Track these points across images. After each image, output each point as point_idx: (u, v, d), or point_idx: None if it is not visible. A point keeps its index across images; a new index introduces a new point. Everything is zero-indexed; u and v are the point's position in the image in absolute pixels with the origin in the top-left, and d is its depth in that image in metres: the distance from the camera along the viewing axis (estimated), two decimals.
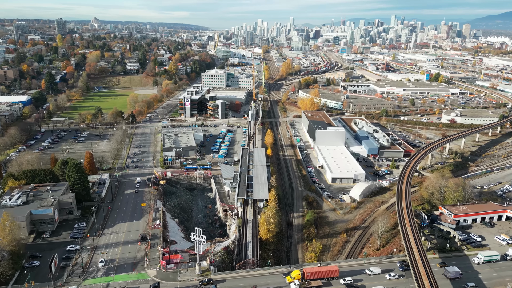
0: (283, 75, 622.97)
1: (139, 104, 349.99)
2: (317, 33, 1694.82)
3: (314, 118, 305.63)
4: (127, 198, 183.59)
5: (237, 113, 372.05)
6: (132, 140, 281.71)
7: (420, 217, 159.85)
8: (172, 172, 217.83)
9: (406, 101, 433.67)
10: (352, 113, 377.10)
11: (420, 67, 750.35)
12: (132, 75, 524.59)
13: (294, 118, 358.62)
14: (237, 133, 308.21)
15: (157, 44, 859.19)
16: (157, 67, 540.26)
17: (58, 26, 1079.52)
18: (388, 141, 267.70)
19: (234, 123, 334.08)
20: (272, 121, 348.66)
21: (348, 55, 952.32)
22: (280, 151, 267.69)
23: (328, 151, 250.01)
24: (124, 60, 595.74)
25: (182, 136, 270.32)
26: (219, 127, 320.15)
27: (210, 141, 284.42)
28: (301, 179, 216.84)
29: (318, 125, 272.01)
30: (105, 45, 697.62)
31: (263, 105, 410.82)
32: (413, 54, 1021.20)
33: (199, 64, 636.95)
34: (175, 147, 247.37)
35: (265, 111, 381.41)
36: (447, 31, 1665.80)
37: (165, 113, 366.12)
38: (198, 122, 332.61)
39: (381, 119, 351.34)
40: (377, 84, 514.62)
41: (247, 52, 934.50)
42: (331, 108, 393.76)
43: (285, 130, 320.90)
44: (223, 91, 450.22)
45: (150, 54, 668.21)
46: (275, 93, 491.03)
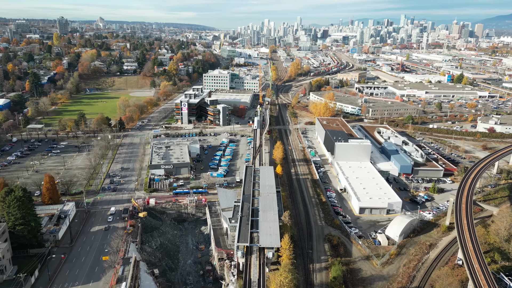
0: (291, 76, 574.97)
1: (130, 108, 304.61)
2: (325, 33, 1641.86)
3: (331, 127, 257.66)
4: (93, 240, 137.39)
5: (241, 119, 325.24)
6: (117, 152, 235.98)
7: (502, 285, 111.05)
8: (157, 198, 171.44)
9: (431, 106, 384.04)
10: (371, 119, 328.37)
11: (438, 67, 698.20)
12: (128, 75, 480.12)
13: (306, 125, 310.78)
14: (241, 143, 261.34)
15: (159, 44, 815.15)
16: (156, 67, 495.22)
17: (60, 25, 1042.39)
18: (422, 156, 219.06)
19: (237, 131, 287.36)
20: (281, 129, 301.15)
21: (359, 55, 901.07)
22: (291, 167, 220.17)
23: (350, 169, 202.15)
24: (122, 59, 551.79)
25: (175, 149, 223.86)
26: (220, 136, 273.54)
27: (208, 154, 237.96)
28: (320, 208, 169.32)
29: (337, 137, 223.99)
30: (103, 44, 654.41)
31: (271, 109, 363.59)
32: (427, 54, 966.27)
33: (202, 64, 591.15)
34: (164, 164, 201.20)
35: (272, 117, 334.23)
36: (459, 31, 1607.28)
37: (160, 118, 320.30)
38: (196, 129, 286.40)
39: (407, 127, 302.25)
40: (395, 86, 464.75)
41: (253, 52, 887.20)
42: (347, 114, 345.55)
43: (296, 140, 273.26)
44: (226, 93, 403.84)
45: (151, 54, 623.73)
46: (283, 95, 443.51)
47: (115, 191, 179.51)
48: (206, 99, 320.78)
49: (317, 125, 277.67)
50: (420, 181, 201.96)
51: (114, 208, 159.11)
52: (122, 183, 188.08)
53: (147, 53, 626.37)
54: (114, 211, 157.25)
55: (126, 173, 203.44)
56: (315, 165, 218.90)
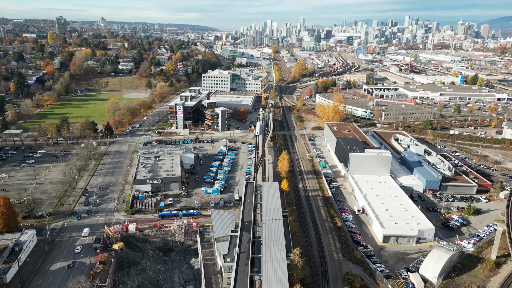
0: (295, 76, 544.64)
1: (120, 112, 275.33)
2: (328, 33, 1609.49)
3: (342, 134, 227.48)
4: (49, 284, 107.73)
5: (242, 124, 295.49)
6: (100, 163, 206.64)
7: None
8: (138, 222, 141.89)
9: (447, 109, 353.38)
10: (385, 124, 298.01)
11: (448, 68, 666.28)
12: (124, 76, 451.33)
13: (313, 131, 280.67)
14: (241, 152, 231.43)
15: (159, 43, 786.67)
16: (153, 67, 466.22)
17: (59, 24, 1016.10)
18: (450, 168, 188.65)
19: (237, 138, 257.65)
20: (286, 135, 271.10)
21: (365, 56, 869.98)
22: (299, 181, 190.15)
23: (368, 185, 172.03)
24: (118, 59, 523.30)
25: (165, 159, 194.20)
26: (218, 144, 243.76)
27: (204, 164, 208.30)
28: (335, 236, 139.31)
29: (351, 146, 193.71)
30: (100, 43, 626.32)
31: (274, 112, 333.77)
32: (434, 54, 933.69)
33: (202, 64, 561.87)
34: (151, 178, 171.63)
35: (276, 121, 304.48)
36: (465, 31, 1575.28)
37: (153, 122, 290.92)
38: (192, 135, 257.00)
39: (425, 132, 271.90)
40: (407, 88, 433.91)
41: (256, 52, 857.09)
42: (357, 118, 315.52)
43: (303, 148, 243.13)
44: (226, 95, 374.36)
45: (149, 53, 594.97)
46: (287, 97, 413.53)
47: (90, 214, 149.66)
48: (204, 101, 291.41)
49: (327, 131, 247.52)
50: (450, 199, 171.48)
51: (85, 233, 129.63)
52: (99, 203, 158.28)
53: (145, 52, 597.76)
54: (86, 238, 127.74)
55: (107, 189, 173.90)
56: (326, 179, 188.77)
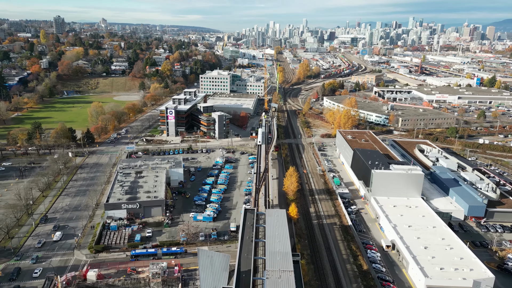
0: (300, 78, 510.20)
1: (104, 117, 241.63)
2: (331, 35, 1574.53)
3: (359, 144, 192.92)
4: None
5: (243, 130, 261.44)
6: (72, 179, 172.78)
7: None
8: (103, 266, 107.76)
9: (469, 114, 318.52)
10: (402, 131, 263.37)
11: (460, 70, 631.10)
12: (116, 76, 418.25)
13: (323, 139, 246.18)
14: (240, 164, 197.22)
15: (158, 43, 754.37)
16: (147, 68, 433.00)
17: (56, 24, 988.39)
18: (494, 189, 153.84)
19: (236, 147, 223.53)
20: (292, 144, 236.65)
21: (371, 57, 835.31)
22: (310, 204, 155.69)
23: (397, 211, 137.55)
24: (112, 59, 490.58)
25: (148, 176, 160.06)
26: (214, 154, 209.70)
27: (196, 180, 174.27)
28: (361, 286, 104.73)
29: (372, 160, 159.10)
30: (95, 43, 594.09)
31: (278, 117, 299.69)
32: (442, 56, 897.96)
33: (202, 64, 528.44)
34: (128, 201, 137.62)
35: (281, 127, 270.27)
36: (471, 33, 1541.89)
37: (142, 129, 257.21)
38: (185, 144, 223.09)
39: (451, 142, 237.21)
40: (421, 90, 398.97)
41: (258, 53, 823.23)
42: (371, 123, 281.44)
43: (312, 160, 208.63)
44: (226, 97, 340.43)
45: (146, 54, 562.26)
46: (292, 100, 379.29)
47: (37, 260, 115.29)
48: (199, 105, 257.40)
49: (339, 140, 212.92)
50: (499, 229, 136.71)
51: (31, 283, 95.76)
52: (60, 235, 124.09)
53: (141, 52, 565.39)
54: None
55: (73, 215, 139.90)
56: (342, 201, 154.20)
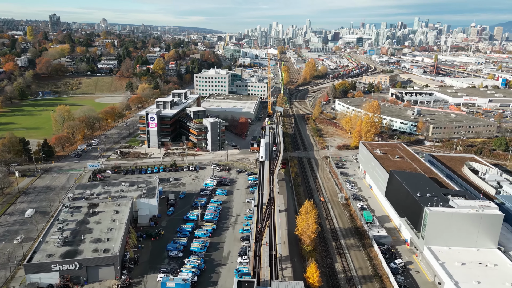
0: (306, 78, 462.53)
1: (70, 124, 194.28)
2: (336, 35, 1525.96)
3: (393, 163, 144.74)
4: None
5: (242, 139, 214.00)
6: (5, 212, 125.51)
7: None
8: None
9: (506, 119, 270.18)
10: (435, 141, 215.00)
11: (477, 70, 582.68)
12: (102, 76, 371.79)
13: (340, 151, 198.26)
14: (237, 188, 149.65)
15: (155, 42, 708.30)
16: (138, 66, 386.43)
17: (52, 22, 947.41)
18: None
19: (233, 162, 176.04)
20: (303, 158, 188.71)
21: (379, 57, 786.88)
22: (335, 256, 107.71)
23: (469, 272, 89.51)
24: (101, 57, 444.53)
25: (104, 213, 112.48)
26: (204, 173, 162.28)
27: (176, 213, 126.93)
28: None
29: (422, 191, 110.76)
30: (85, 40, 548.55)
31: (284, 123, 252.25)
32: (454, 56, 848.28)
33: (200, 63, 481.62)
34: (61, 260, 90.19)
35: (287, 135, 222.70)
36: (479, 33, 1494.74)
37: (120, 138, 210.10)
38: (169, 158, 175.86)
39: (498, 155, 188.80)
40: (443, 92, 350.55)
41: (261, 52, 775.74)
42: (394, 131, 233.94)
43: (330, 181, 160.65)
44: (223, 100, 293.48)
45: (139, 52, 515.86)
46: (299, 103, 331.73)
47: None
48: (189, 109, 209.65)
49: (364, 155, 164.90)
50: None
51: None
52: None
53: (135, 50, 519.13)
54: None
55: None
56: (379, 249, 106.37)
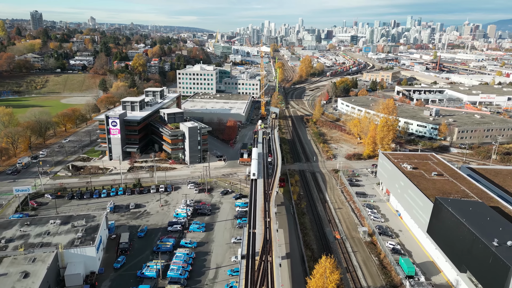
0: (302, 75, 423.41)
1: (9, 131, 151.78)
2: (329, 33, 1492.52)
3: (432, 183, 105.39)
4: None
5: (229, 147, 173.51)
6: None
7: None
8: None
9: None
10: (462, 147, 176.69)
11: (481, 67, 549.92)
12: (74, 73, 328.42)
13: (350, 162, 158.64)
14: (219, 219, 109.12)
15: (140, 38, 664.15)
16: (116, 63, 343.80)
17: (33, 19, 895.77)
18: None
19: (217, 180, 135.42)
20: (305, 171, 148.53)
21: (376, 54, 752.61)
22: None
23: None
24: (76, 53, 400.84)
25: (5, 278, 71.29)
26: (177, 195, 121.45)
27: (129, 263, 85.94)
28: None
29: (497, 235, 71.25)
30: (62, 35, 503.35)
31: (280, 126, 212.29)
32: (453, 53, 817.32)
33: (186, 61, 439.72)
34: None
35: (285, 142, 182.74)
36: (472, 32, 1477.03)
37: (78, 148, 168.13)
38: (134, 175, 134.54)
39: None
40: (455, 89, 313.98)
41: (253, 49, 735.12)
42: (411, 135, 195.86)
43: (344, 206, 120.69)
44: (210, 99, 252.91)
45: (120, 48, 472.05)
46: (296, 102, 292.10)
47: None
48: (163, 110, 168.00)
49: (386, 169, 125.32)
50: None
51: None
52: None
53: (116, 47, 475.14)
54: None
55: None
56: None
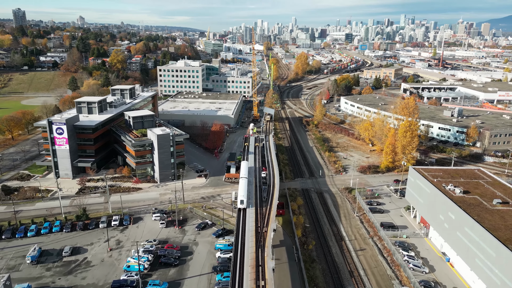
0: (298, 73, 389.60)
1: None
2: (323, 32, 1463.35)
3: (495, 216, 71.80)
4: None
5: (214, 158, 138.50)
6: None
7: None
8: None
9: None
10: (498, 155, 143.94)
11: (484, 63, 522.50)
12: (43, 71, 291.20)
13: (365, 176, 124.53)
14: (189, 275, 74.30)
15: (126, 35, 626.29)
16: (91, 59, 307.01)
17: (16, 17, 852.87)
18: None
19: (194, 205, 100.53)
20: (310, 191, 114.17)
21: (373, 52, 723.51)
22: None
23: None
24: (50, 49, 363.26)
25: None
26: (137, 231, 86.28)
27: None
28: None
29: None
30: (38, 32, 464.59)
31: (276, 130, 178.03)
32: (451, 51, 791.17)
33: (173, 58, 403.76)
34: None
35: (282, 150, 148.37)
36: (467, 30, 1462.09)
37: (21, 161, 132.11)
38: (84, 198, 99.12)
39: None
40: (467, 86, 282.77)
41: (245, 47, 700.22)
42: (431, 139, 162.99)
43: (368, 245, 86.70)
44: (194, 99, 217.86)
45: (101, 45, 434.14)
46: (293, 102, 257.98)
47: None
48: (128, 113, 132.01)
49: (422, 191, 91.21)
50: None
51: None
52: None
53: (97, 43, 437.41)
54: None
55: None
56: None
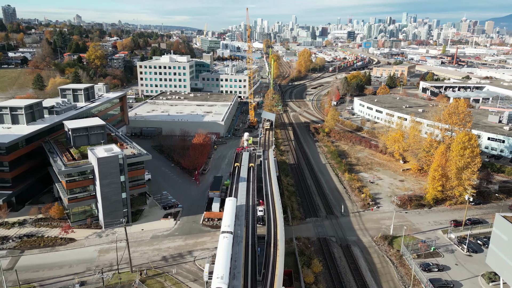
0: (301, 71, 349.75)
1: None
2: (324, 30, 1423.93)
3: None
4: None
5: (192, 183, 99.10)
6: None
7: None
8: None
9: None
10: None
11: (500, 60, 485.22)
12: (9, 68, 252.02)
13: (407, 215, 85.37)
14: None
15: (117, 32, 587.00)
16: (67, 55, 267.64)
17: (5, 14, 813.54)
18: None
19: (145, 278, 61.56)
20: (330, 243, 75.15)
21: (378, 49, 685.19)
22: None
23: None
24: (24, 45, 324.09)
25: None
26: None
27: None
28: None
29: None
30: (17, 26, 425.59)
31: (278, 141, 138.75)
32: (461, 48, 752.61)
33: (162, 54, 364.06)
34: None
35: (286, 170, 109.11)
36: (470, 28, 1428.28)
37: None
38: None
39: None
40: (497, 85, 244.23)
41: (244, 44, 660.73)
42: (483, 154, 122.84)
43: None
44: (179, 100, 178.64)
45: (84, 40, 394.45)
46: (297, 103, 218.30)
47: None
48: (67, 123, 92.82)
49: None
50: None
51: None
52: None
53: (81, 39, 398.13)
54: None
55: None
56: None
